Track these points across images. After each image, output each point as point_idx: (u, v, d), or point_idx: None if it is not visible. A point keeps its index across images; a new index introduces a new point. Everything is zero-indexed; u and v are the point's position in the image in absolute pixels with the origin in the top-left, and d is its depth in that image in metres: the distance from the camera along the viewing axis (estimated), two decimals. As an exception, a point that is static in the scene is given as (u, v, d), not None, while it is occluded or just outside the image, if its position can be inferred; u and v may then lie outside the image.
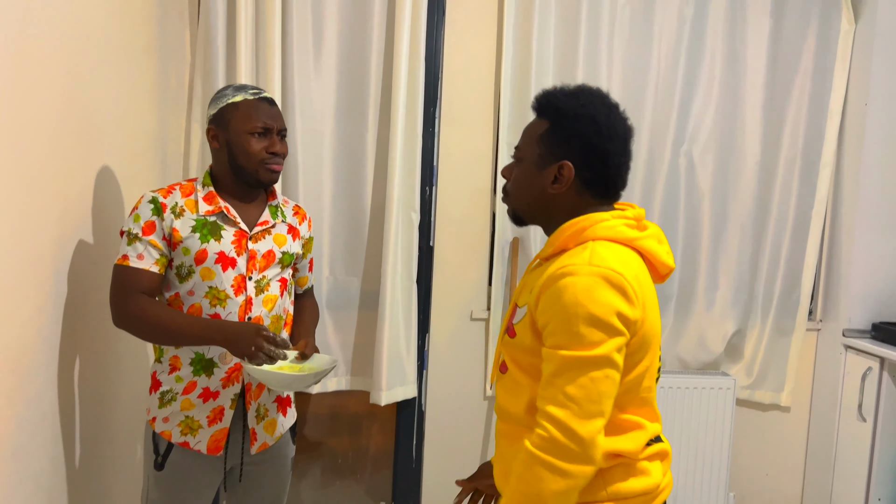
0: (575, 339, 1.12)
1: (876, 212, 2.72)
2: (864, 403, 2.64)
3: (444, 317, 2.75)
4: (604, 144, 1.24)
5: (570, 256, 1.19)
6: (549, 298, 1.15)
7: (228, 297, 1.60)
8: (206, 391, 1.63)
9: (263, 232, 1.68)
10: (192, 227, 1.59)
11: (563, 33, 2.63)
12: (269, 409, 1.72)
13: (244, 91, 1.63)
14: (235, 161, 1.61)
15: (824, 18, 2.72)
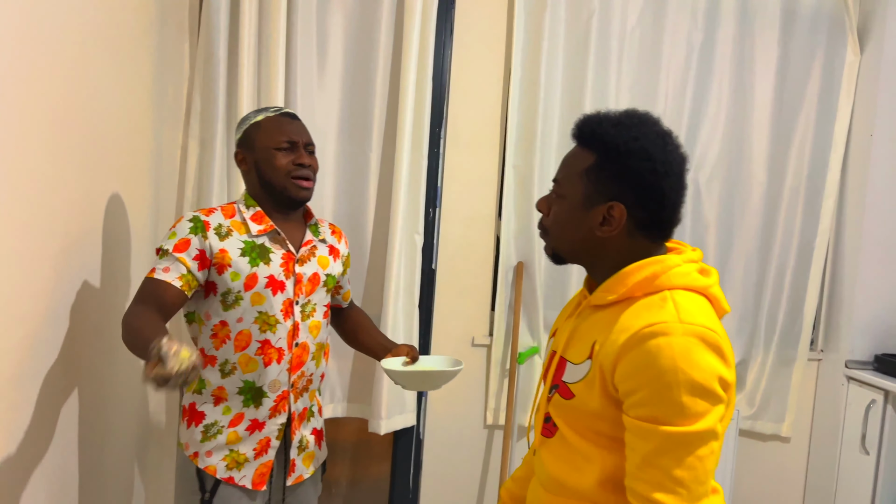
0: (677, 412, 0.98)
1: (879, 242, 2.71)
2: (868, 436, 2.62)
3: (445, 342, 2.67)
4: (659, 182, 1.09)
5: (648, 310, 1.05)
6: (637, 362, 1.00)
7: (278, 321, 1.56)
8: (254, 422, 1.58)
9: (308, 254, 1.64)
10: (242, 249, 1.55)
11: (571, 57, 2.59)
12: (310, 441, 1.69)
13: (265, 111, 1.62)
14: (264, 179, 1.59)
15: (830, 49, 2.73)
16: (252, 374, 1.56)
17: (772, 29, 2.68)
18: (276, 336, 1.56)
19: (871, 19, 2.72)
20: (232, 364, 1.55)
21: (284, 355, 1.58)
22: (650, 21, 2.62)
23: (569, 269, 2.66)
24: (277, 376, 1.57)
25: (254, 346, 1.55)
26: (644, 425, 1.00)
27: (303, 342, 1.61)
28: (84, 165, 1.57)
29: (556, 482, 1.16)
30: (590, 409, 1.08)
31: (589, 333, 1.12)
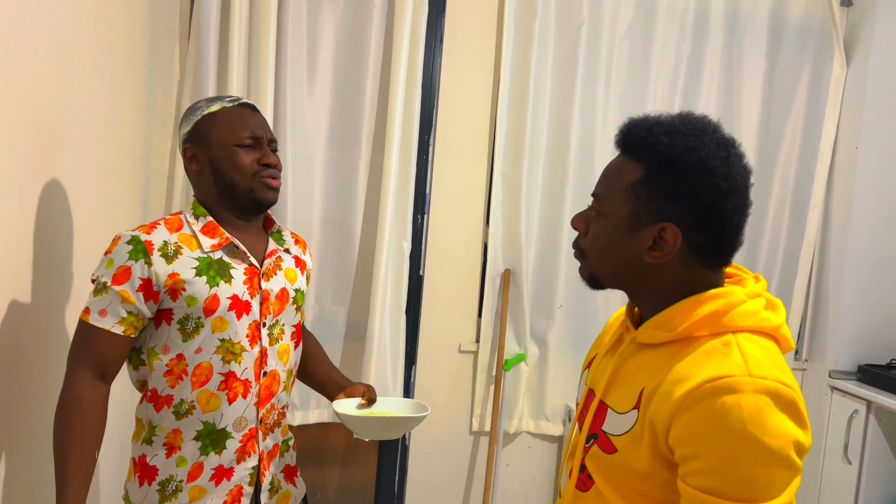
0: (746, 486, 0.84)
1: (864, 254, 2.74)
2: (851, 446, 2.64)
3: (431, 348, 2.69)
4: (721, 201, 0.92)
5: (709, 357, 0.89)
6: (699, 424, 0.85)
7: (244, 349, 1.33)
8: (219, 470, 1.34)
9: (274, 267, 1.41)
10: (196, 268, 1.29)
11: (560, 66, 2.61)
12: (281, 481, 1.46)
13: (219, 100, 1.37)
14: (223, 181, 1.34)
15: (817, 62, 2.75)
16: (212, 414, 1.32)
17: (759, 41, 2.71)
18: (241, 367, 1.33)
19: (858, 33, 2.74)
20: (189, 403, 1.31)
21: (251, 388, 1.35)
22: (639, 32, 2.64)
23: (556, 277, 2.68)
24: (244, 413, 1.34)
25: (215, 380, 1.31)
26: (708, 499, 0.85)
27: (272, 370, 1.38)
28: (72, 167, 1.58)
29: None
30: (635, 468, 0.94)
31: (635, 378, 0.97)
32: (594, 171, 2.65)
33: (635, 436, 0.93)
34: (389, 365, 2.56)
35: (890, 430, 2.58)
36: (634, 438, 0.93)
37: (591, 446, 1.00)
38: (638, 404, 0.94)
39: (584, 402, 1.07)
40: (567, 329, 2.71)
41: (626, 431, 0.94)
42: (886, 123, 2.69)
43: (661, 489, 0.93)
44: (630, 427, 0.94)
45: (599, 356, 1.09)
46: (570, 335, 2.72)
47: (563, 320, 2.70)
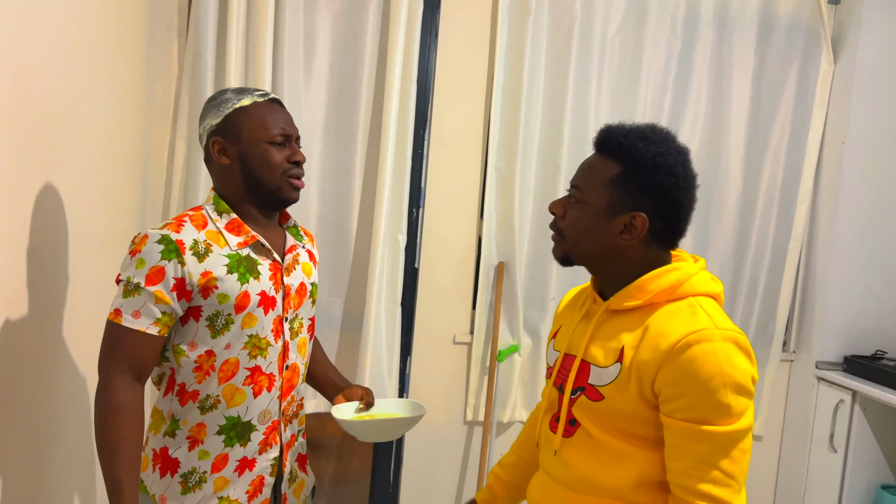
0: (723, 412, 1.06)
1: (851, 247, 2.79)
2: (836, 435, 2.70)
3: (426, 340, 2.73)
4: (680, 197, 1.15)
5: (680, 316, 1.11)
6: (682, 369, 1.06)
7: (270, 344, 1.35)
8: (243, 462, 1.36)
9: (293, 262, 1.43)
10: (227, 266, 1.30)
11: (553, 62, 2.65)
12: (297, 470, 1.51)
13: (249, 94, 1.37)
14: (253, 176, 1.35)
15: (805, 58, 2.80)
16: (238, 409, 1.34)
17: (749, 38, 2.75)
18: (266, 361, 1.35)
19: (845, 31, 2.79)
20: (214, 398, 1.33)
21: (275, 381, 1.38)
22: (631, 29, 2.68)
23: (549, 270, 2.72)
24: (268, 406, 1.37)
25: (241, 374, 1.33)
26: (694, 427, 1.06)
27: (293, 364, 1.41)
28: (72, 162, 1.61)
29: (586, 481, 1.19)
30: (621, 410, 1.13)
31: (614, 338, 1.16)
32: (586, 166, 2.69)
33: (621, 383, 1.13)
34: (385, 356, 2.60)
35: (874, 419, 2.64)
36: (620, 386, 1.13)
37: (578, 398, 1.19)
38: (620, 358, 1.14)
39: (562, 364, 1.26)
40: (559, 321, 2.76)
41: (612, 381, 1.14)
42: (872, 119, 2.75)
43: (644, 426, 1.14)
44: (615, 377, 1.14)
45: (567, 327, 1.29)
46: (562, 327, 2.77)
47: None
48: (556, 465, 1.24)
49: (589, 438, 1.19)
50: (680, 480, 1.09)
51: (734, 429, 1.06)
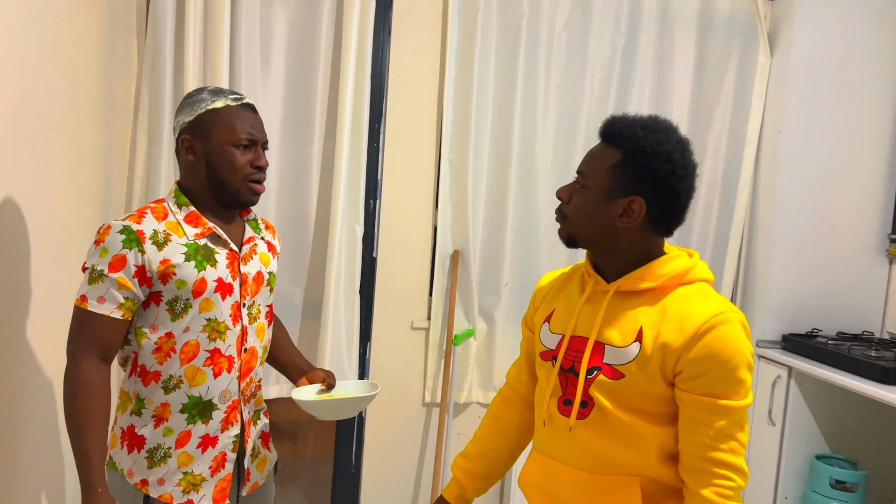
0: (739, 387, 1.17)
1: (788, 232, 2.95)
2: (774, 409, 2.85)
3: (385, 326, 2.84)
4: (677, 184, 1.22)
5: (697, 299, 1.20)
6: (708, 348, 1.16)
7: (228, 327, 1.45)
8: (206, 439, 1.46)
9: (250, 252, 1.53)
10: (185, 254, 1.40)
11: (503, 58, 2.76)
12: (259, 447, 1.60)
13: (223, 96, 1.45)
14: (216, 176, 1.44)
15: (744, 52, 2.94)
16: (199, 388, 1.43)
17: (689, 33, 2.88)
18: (225, 343, 1.45)
19: (781, 25, 2.94)
20: (177, 378, 1.42)
21: (234, 363, 1.47)
22: (576, 24, 2.80)
23: (502, 257, 2.84)
24: (228, 386, 1.47)
25: (202, 356, 1.43)
26: (718, 402, 1.16)
27: (251, 347, 1.51)
28: (33, 161, 1.67)
29: (604, 460, 1.25)
30: (639, 387, 1.21)
31: (630, 318, 1.24)
32: (536, 157, 2.82)
33: (642, 362, 1.21)
34: (345, 342, 2.71)
35: (809, 393, 2.80)
36: (641, 364, 1.21)
37: (595, 377, 1.24)
38: (639, 338, 1.21)
39: (569, 346, 1.30)
40: (513, 305, 2.89)
41: (632, 360, 1.21)
42: (806, 109, 2.90)
43: (659, 402, 1.22)
44: (635, 356, 1.21)
45: (566, 309, 1.34)
46: (515, 311, 2.89)
47: (509, 297, 2.88)
48: (569, 448, 1.28)
49: (604, 418, 1.24)
50: (699, 451, 1.18)
51: (746, 403, 1.18)
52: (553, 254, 2.89)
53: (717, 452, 1.17)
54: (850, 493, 2.65)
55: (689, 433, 1.19)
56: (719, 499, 1.17)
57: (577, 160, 2.85)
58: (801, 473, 2.84)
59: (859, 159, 2.96)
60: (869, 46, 2.91)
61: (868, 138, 2.95)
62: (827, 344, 2.74)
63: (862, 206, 2.98)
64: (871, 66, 2.92)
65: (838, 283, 3.00)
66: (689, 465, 1.20)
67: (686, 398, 1.19)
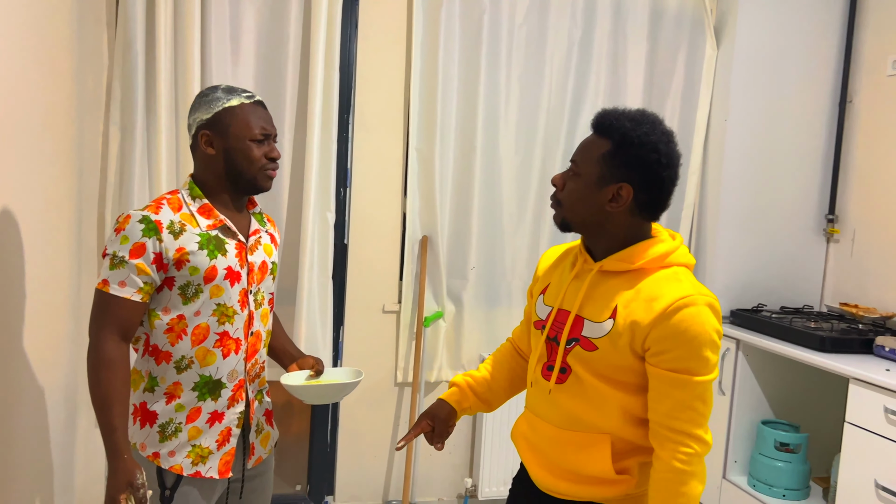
0: (703, 364, 1.27)
1: (734, 214, 3.14)
2: (723, 379, 3.05)
3: (357, 310, 2.94)
4: (662, 172, 1.32)
5: (669, 282, 1.30)
6: (673, 328, 1.26)
7: (236, 312, 1.56)
8: (214, 414, 1.57)
9: (256, 243, 1.65)
10: (198, 243, 1.51)
11: (466, 50, 2.88)
12: (263, 424, 1.71)
13: (238, 94, 1.56)
14: (235, 168, 1.55)
15: (692, 44, 3.11)
16: (209, 368, 1.54)
17: (641, 26, 3.04)
18: (233, 327, 1.56)
19: (726, 19, 3.12)
20: (188, 359, 1.52)
21: (241, 345, 1.58)
22: (535, 18, 2.93)
23: (469, 242, 2.96)
24: (235, 366, 1.57)
25: (212, 338, 1.53)
26: (680, 377, 1.27)
27: (257, 331, 1.62)
28: (5, 154, 1.70)
29: (576, 420, 1.39)
30: (611, 360, 1.33)
31: (607, 296, 1.35)
32: (499, 146, 2.94)
33: (613, 337, 1.32)
34: (319, 326, 2.80)
35: (755, 364, 3.01)
36: (613, 339, 1.32)
37: (573, 348, 1.37)
38: (614, 315, 1.33)
39: (556, 318, 1.42)
40: (479, 288, 3.02)
41: (606, 334, 1.33)
42: (750, 98, 3.09)
43: (628, 373, 1.33)
44: (608, 331, 1.33)
45: (557, 284, 1.46)
46: (482, 293, 3.03)
47: (476, 280, 3.01)
48: (549, 408, 1.42)
49: (579, 384, 1.37)
50: (662, 420, 1.30)
51: (709, 379, 1.28)
52: (517, 238, 3.03)
53: (678, 422, 1.28)
54: (793, 453, 2.87)
55: (655, 403, 1.31)
56: (678, 464, 1.28)
57: (538, 148, 2.99)
58: (749, 438, 3.05)
59: (799, 145, 3.17)
60: (807, 38, 3.12)
61: (807, 125, 3.17)
62: (771, 317, 2.94)
63: (801, 189, 3.20)
64: (809, 56, 3.13)
65: (781, 261, 3.22)
66: (655, 432, 1.33)
67: (653, 371, 1.30)
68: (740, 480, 3.01)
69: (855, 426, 2.40)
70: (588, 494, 1.41)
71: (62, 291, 2.19)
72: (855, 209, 3.14)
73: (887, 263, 2.96)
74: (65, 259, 2.20)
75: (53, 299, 2.08)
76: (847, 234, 3.16)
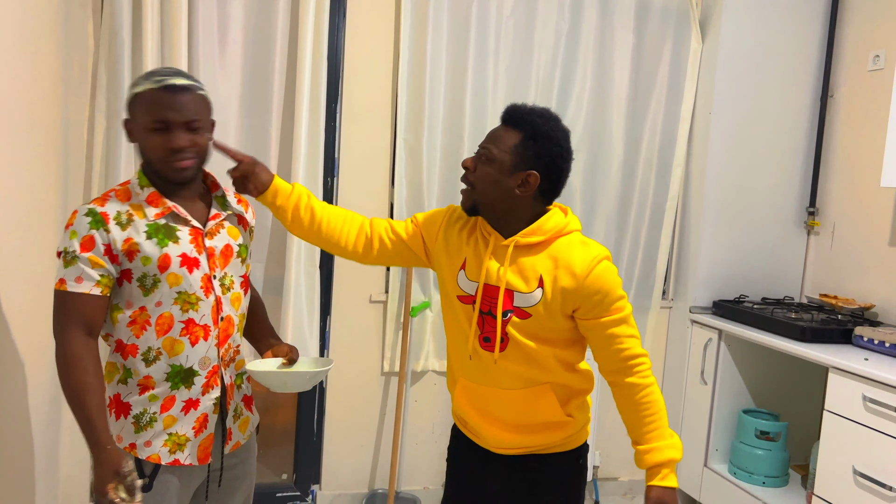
0: (622, 300, 1.53)
1: (717, 206, 3.19)
2: (706, 369, 3.10)
3: (344, 300, 2.95)
4: (563, 164, 1.53)
5: (576, 247, 1.53)
6: (593, 285, 1.50)
7: (200, 299, 1.53)
8: (189, 402, 1.54)
9: (217, 226, 1.59)
10: (146, 232, 1.47)
11: (454, 41, 2.88)
12: (242, 409, 1.69)
13: (150, 79, 1.46)
14: (146, 159, 1.51)
15: (677, 38, 3.14)
16: (179, 357, 1.51)
17: (628, 19, 3.06)
18: (199, 314, 1.52)
19: (711, 13, 3.15)
20: (156, 350, 1.50)
21: (211, 331, 1.55)
22: (523, 10, 2.94)
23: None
24: (206, 353, 1.55)
25: (177, 327, 1.51)
26: (612, 317, 1.51)
27: (227, 316, 1.58)
28: None
29: (524, 378, 1.58)
30: (545, 323, 1.53)
31: (529, 268, 1.53)
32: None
33: (545, 303, 1.51)
34: (306, 316, 2.80)
35: (736, 353, 3.06)
36: (545, 305, 1.51)
37: (509, 319, 1.54)
38: (541, 284, 1.51)
39: (484, 293, 1.56)
40: (466, 278, 3.03)
41: (538, 302, 1.52)
42: (734, 91, 3.13)
43: (560, 331, 1.55)
44: (539, 299, 1.52)
45: (475, 259, 1.58)
46: (468, 283, 3.04)
47: (462, 270, 3.02)
48: (493, 375, 1.58)
49: (519, 348, 1.54)
50: (614, 356, 1.53)
51: (630, 309, 1.55)
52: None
53: (627, 352, 1.53)
54: (772, 442, 2.93)
55: (602, 349, 1.55)
56: (643, 379, 1.53)
57: (525, 139, 3.00)
58: (730, 426, 3.10)
59: (781, 138, 3.22)
60: (790, 33, 3.16)
61: (789, 119, 3.21)
62: (753, 308, 2.99)
63: (783, 181, 3.25)
64: (792, 51, 3.17)
65: (762, 252, 3.27)
66: (610, 369, 1.56)
67: (590, 325, 1.53)
68: (721, 468, 3.07)
69: (834, 414, 2.45)
70: (539, 441, 1.63)
71: (49, 281, 2.17)
72: (835, 202, 3.19)
73: (866, 256, 3.02)
74: (51, 250, 2.18)
75: (40, 289, 2.06)
76: (827, 226, 3.22)
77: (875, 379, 2.29)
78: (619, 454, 3.38)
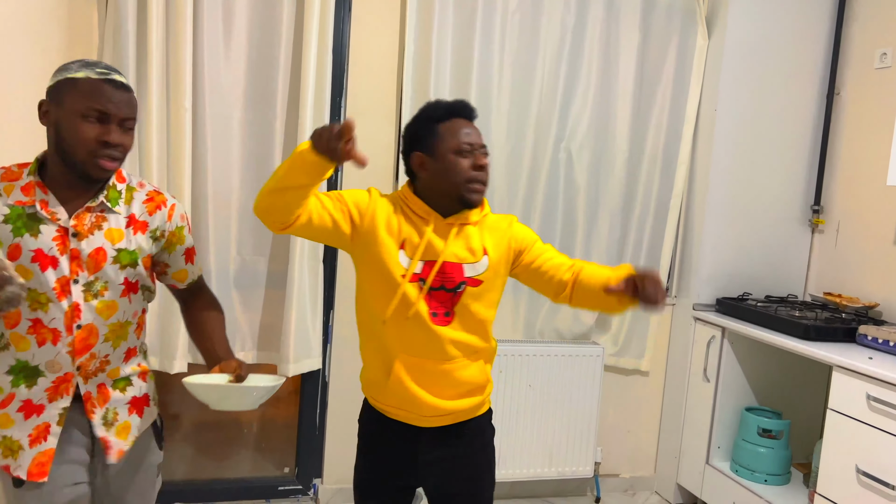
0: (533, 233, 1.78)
1: (722, 204, 3.18)
2: (708, 366, 3.10)
3: (347, 293, 2.94)
4: None
5: (497, 218, 1.74)
6: (517, 232, 1.73)
7: (51, 301, 1.40)
8: (28, 404, 1.43)
9: (92, 227, 1.44)
10: (6, 216, 1.38)
11: (459, 36, 2.87)
12: (120, 413, 1.54)
13: (92, 68, 1.39)
14: (62, 146, 1.38)
15: (683, 34, 3.13)
16: (25, 353, 1.42)
17: (634, 15, 3.05)
18: (48, 316, 1.41)
19: (717, 10, 3.14)
20: (6, 340, 1.42)
21: (62, 337, 1.42)
22: (529, 5, 2.93)
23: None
24: (55, 357, 1.43)
25: (24, 324, 1.41)
26: (539, 243, 1.74)
27: (87, 324, 1.44)
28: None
29: (471, 347, 1.68)
30: (494, 284, 1.69)
31: (471, 241, 1.66)
32: (491, 132, 2.95)
33: (493, 266, 1.67)
34: (309, 310, 2.80)
35: (740, 351, 3.06)
36: (494, 268, 1.68)
37: (463, 290, 1.64)
38: (486, 252, 1.66)
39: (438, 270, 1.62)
40: (469, 274, 3.03)
41: (487, 268, 1.66)
42: (739, 89, 3.12)
43: (499, 290, 1.71)
44: (488, 265, 1.66)
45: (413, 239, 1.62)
46: (471, 279, 3.04)
47: (466, 266, 3.02)
48: (435, 348, 1.63)
49: (472, 316, 1.66)
50: (556, 263, 1.72)
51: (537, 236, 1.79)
52: (507, 224, 3.04)
53: (561, 256, 1.75)
54: (775, 440, 2.92)
55: (548, 264, 1.71)
56: (582, 262, 1.72)
57: (529, 134, 3.00)
58: (732, 424, 3.10)
59: (786, 136, 3.20)
60: (796, 30, 3.15)
61: (794, 116, 3.20)
62: (756, 306, 2.99)
63: (788, 179, 3.24)
64: (798, 48, 3.16)
65: (767, 250, 3.26)
66: (563, 271, 1.70)
67: (532, 258, 1.72)
68: (723, 466, 3.07)
69: (837, 413, 2.45)
70: (471, 404, 1.72)
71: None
72: (840, 200, 3.18)
73: (870, 254, 3.01)
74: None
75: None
76: (832, 224, 3.21)
77: (879, 378, 2.29)
78: (620, 450, 3.38)
